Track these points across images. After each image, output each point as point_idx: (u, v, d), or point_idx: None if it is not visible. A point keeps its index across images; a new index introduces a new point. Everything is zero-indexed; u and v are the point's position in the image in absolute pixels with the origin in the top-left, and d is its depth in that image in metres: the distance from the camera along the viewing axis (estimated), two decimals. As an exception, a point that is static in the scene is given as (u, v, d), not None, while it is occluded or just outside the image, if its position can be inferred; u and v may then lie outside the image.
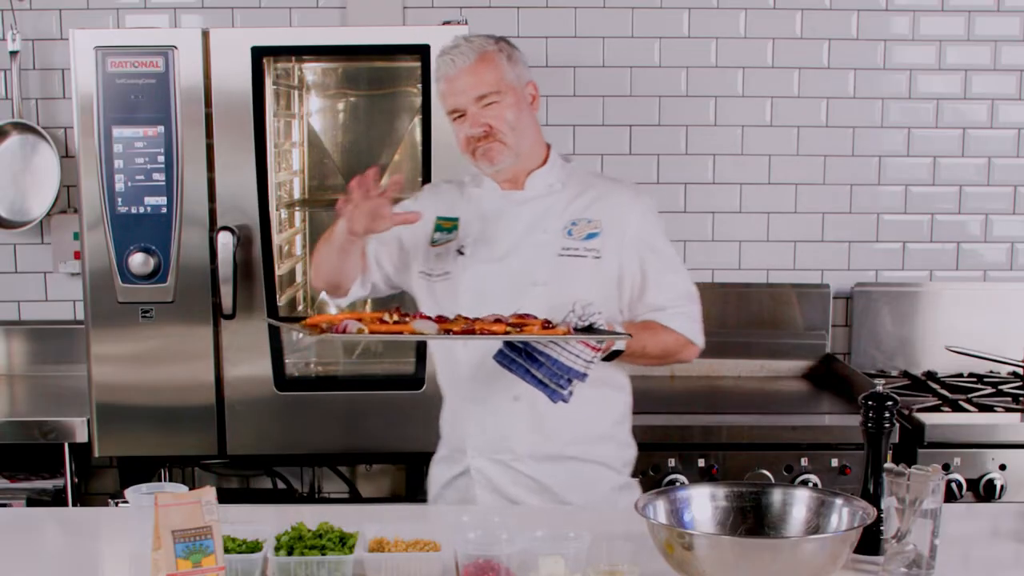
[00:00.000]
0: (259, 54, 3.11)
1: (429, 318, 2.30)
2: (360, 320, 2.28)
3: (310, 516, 2.07)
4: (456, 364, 2.52)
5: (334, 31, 3.53)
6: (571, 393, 2.29)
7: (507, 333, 2.24)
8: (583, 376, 2.27)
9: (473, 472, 2.52)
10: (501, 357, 2.30)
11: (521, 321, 2.29)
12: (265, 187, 3.16)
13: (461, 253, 2.53)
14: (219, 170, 3.15)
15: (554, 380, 2.27)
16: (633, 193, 2.57)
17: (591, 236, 2.46)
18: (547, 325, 2.27)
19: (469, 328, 2.26)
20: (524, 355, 2.28)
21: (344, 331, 2.23)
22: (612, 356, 2.41)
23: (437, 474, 2.62)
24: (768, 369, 3.80)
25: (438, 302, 2.52)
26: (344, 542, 1.94)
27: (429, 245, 2.58)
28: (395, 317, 2.31)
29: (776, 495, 1.97)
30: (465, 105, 2.44)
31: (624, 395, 2.60)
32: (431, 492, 2.63)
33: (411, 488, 3.57)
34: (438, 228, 2.59)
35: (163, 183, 3.12)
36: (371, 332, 2.25)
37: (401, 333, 2.27)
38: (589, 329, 2.27)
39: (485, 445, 2.50)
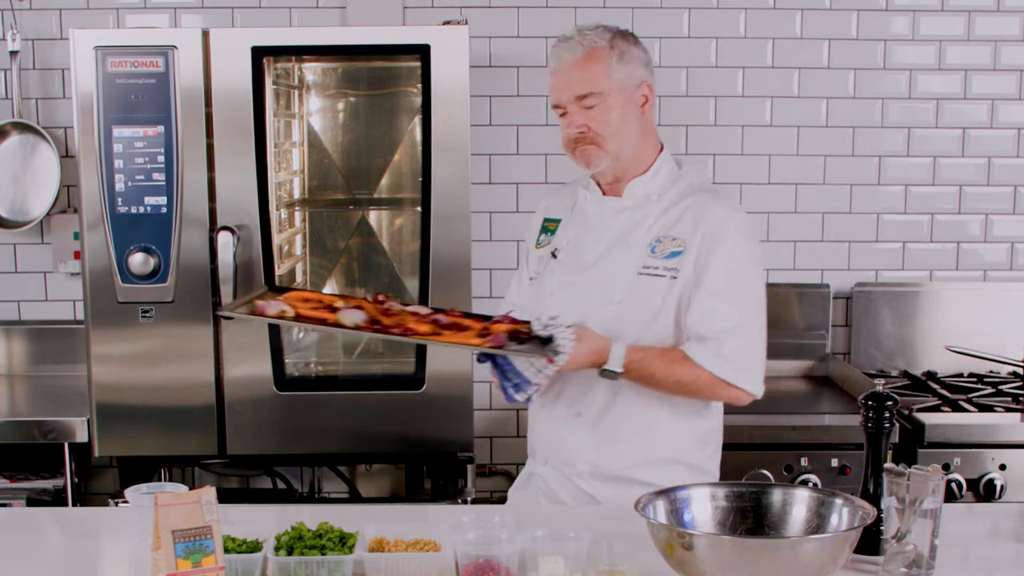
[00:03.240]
0: (259, 54, 3.11)
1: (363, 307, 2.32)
2: (295, 304, 2.32)
3: (310, 516, 2.07)
4: None
5: (334, 31, 3.53)
6: (528, 399, 2.29)
7: (432, 334, 2.25)
8: (530, 385, 2.25)
9: (537, 477, 2.51)
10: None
11: (457, 321, 2.30)
12: (265, 187, 3.16)
13: (554, 256, 2.49)
14: (219, 170, 3.15)
15: (510, 382, 2.27)
16: (727, 211, 2.38)
17: (673, 255, 2.34)
18: (484, 332, 2.24)
19: (394, 326, 2.25)
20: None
21: (263, 313, 2.29)
22: (611, 375, 2.31)
23: (522, 471, 2.62)
24: (768, 369, 3.77)
25: (533, 306, 2.48)
26: (344, 542, 1.94)
27: (534, 247, 2.56)
28: (339, 304, 2.33)
29: (776, 495, 1.97)
30: (566, 103, 2.36)
31: (704, 420, 2.43)
32: (512, 486, 2.65)
33: (411, 488, 3.57)
34: (543, 229, 2.56)
35: (163, 183, 3.12)
36: (295, 317, 2.28)
37: (324, 321, 2.27)
38: (548, 341, 2.24)
39: (549, 453, 2.48)
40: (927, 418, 3.20)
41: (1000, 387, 3.53)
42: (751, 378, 2.35)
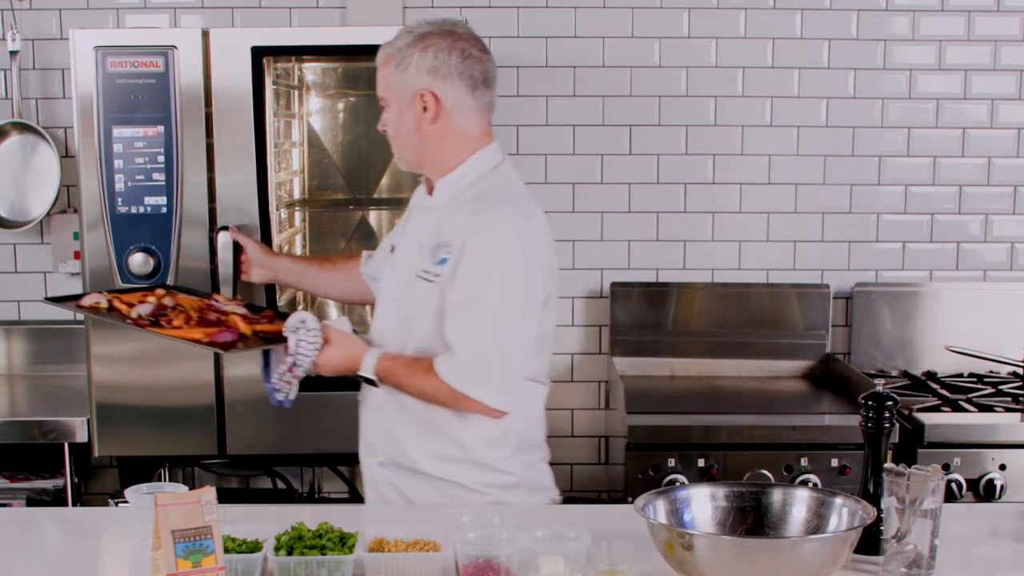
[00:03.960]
0: (259, 54, 3.12)
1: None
2: (112, 296, 2.57)
3: (310, 516, 2.07)
4: None
5: (334, 31, 3.53)
6: (280, 401, 2.42)
7: (174, 328, 2.48)
8: (271, 387, 2.41)
9: (361, 468, 2.59)
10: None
11: (228, 319, 2.52)
12: (265, 187, 3.16)
13: (392, 250, 2.57)
14: (219, 170, 3.15)
15: (268, 379, 2.43)
16: (486, 219, 2.33)
17: (442, 261, 2.34)
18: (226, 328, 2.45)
19: (169, 322, 2.50)
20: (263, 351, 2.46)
21: (79, 304, 2.55)
22: (369, 382, 2.42)
23: None
24: (768, 369, 3.80)
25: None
26: (344, 542, 1.95)
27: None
28: (168, 301, 2.58)
29: (776, 495, 1.97)
30: None
31: (494, 421, 2.38)
32: None
33: (411, 488, 3.57)
34: (406, 218, 2.62)
35: (163, 183, 3.12)
36: (108, 308, 2.53)
37: (118, 314, 2.53)
38: (282, 340, 2.38)
39: (365, 444, 2.56)
40: (927, 418, 3.20)
41: (1000, 387, 3.53)
42: (490, 393, 2.32)
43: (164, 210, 3.13)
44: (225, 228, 2.94)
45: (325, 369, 2.42)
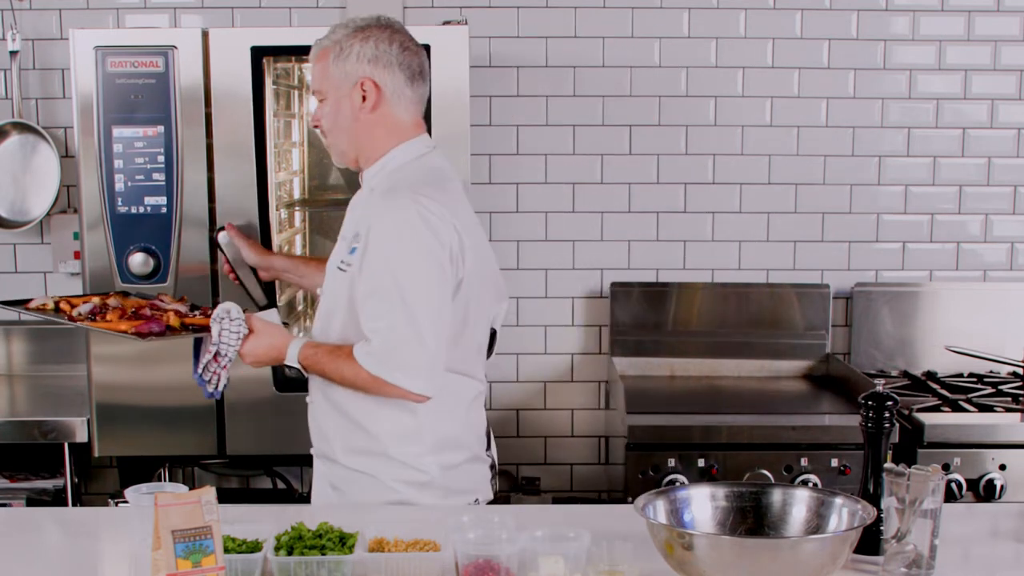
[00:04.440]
0: (259, 54, 3.12)
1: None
2: (61, 298, 2.64)
3: (310, 516, 2.07)
4: None
5: (334, 31, 3.53)
6: (210, 394, 2.46)
7: (105, 322, 2.54)
8: (199, 378, 2.44)
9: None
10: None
11: (161, 315, 2.58)
12: (265, 187, 3.16)
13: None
14: (219, 170, 3.15)
15: (197, 369, 2.45)
16: (386, 209, 2.33)
17: (353, 251, 2.37)
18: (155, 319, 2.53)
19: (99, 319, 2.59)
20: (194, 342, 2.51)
21: (26, 305, 2.63)
22: (295, 372, 2.45)
23: None
24: (768, 369, 3.80)
25: None
26: (344, 542, 1.95)
27: None
28: (113, 302, 2.65)
29: (776, 495, 1.97)
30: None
31: (410, 416, 2.39)
32: None
33: (411, 488, 3.57)
34: None
35: (163, 183, 3.12)
36: (54, 308, 2.60)
37: (64, 314, 2.59)
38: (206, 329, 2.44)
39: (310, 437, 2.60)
40: (927, 418, 3.20)
41: (1000, 387, 3.53)
42: (407, 377, 2.31)
43: (164, 210, 3.13)
44: (223, 229, 2.93)
45: (250, 359, 2.44)
